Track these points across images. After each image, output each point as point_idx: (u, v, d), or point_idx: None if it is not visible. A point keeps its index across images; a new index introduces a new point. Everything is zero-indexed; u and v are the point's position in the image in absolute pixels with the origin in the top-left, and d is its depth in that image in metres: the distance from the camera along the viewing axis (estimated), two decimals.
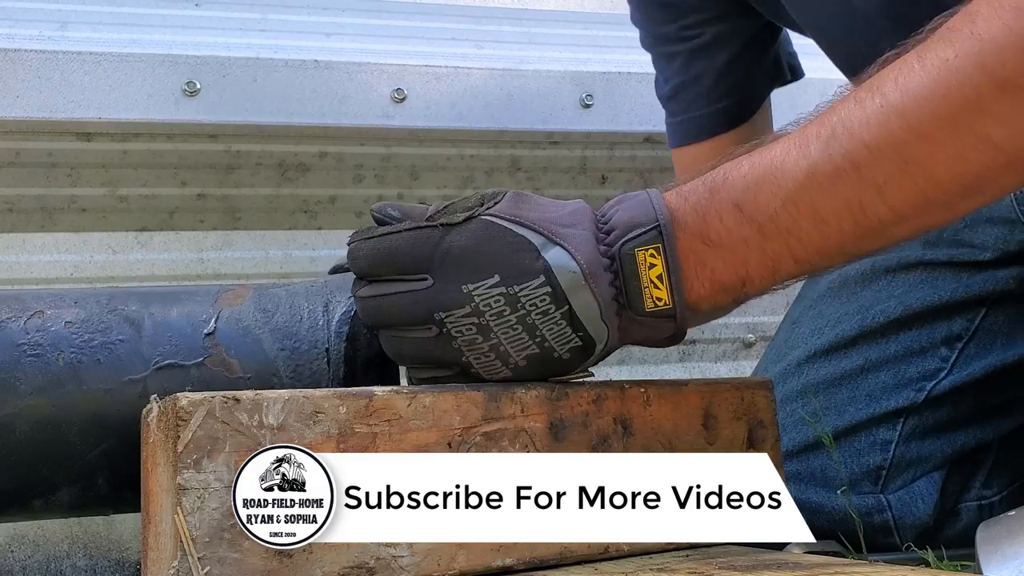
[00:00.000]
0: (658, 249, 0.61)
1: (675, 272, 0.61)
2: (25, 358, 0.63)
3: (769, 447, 0.71)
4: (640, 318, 0.63)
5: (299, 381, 0.66)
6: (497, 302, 0.60)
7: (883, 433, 0.90)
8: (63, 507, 0.66)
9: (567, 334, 0.62)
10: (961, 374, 0.91)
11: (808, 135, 0.61)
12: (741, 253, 0.62)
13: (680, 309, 0.62)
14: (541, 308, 0.61)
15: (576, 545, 0.63)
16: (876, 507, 0.90)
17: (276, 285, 0.71)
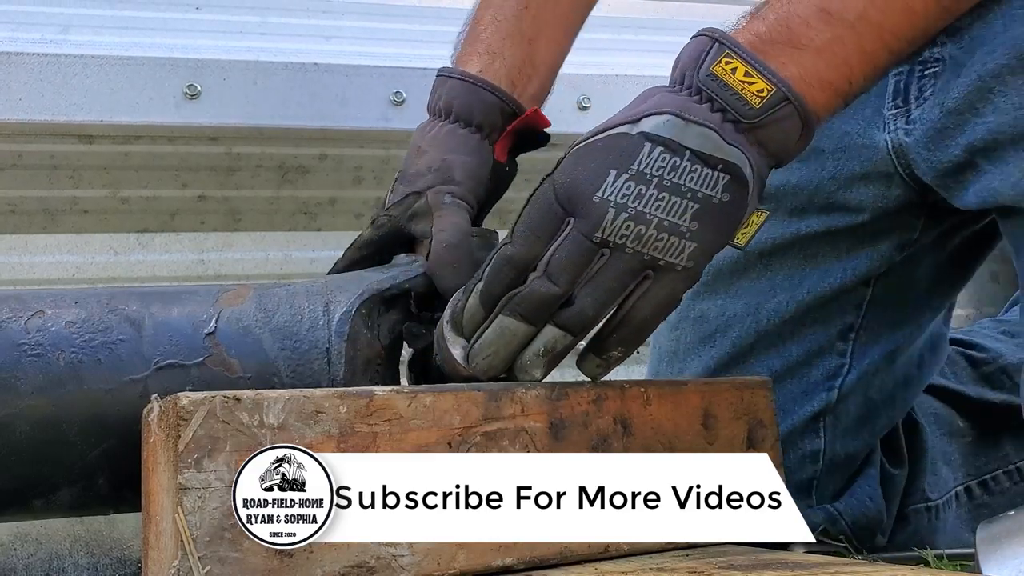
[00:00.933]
0: (730, 55, 0.63)
1: (757, 62, 0.63)
2: (26, 358, 0.63)
3: (769, 447, 0.72)
4: (761, 121, 0.63)
5: (299, 381, 0.66)
6: (628, 187, 0.62)
7: (808, 444, 0.90)
8: (64, 507, 0.66)
9: (708, 174, 0.62)
10: (861, 364, 0.91)
11: None
12: (840, 52, 0.64)
13: (786, 89, 0.63)
14: (668, 166, 0.62)
15: (576, 545, 0.64)
16: (828, 519, 0.90)
17: (276, 285, 0.71)
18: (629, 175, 0.62)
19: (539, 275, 0.63)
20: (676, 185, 0.62)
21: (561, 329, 0.64)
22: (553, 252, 0.63)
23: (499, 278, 0.64)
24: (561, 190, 0.63)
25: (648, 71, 1.17)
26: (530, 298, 0.64)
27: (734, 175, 0.63)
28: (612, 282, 0.63)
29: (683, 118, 0.62)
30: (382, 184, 1.14)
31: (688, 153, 0.62)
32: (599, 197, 0.62)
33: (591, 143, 0.64)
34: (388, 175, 1.14)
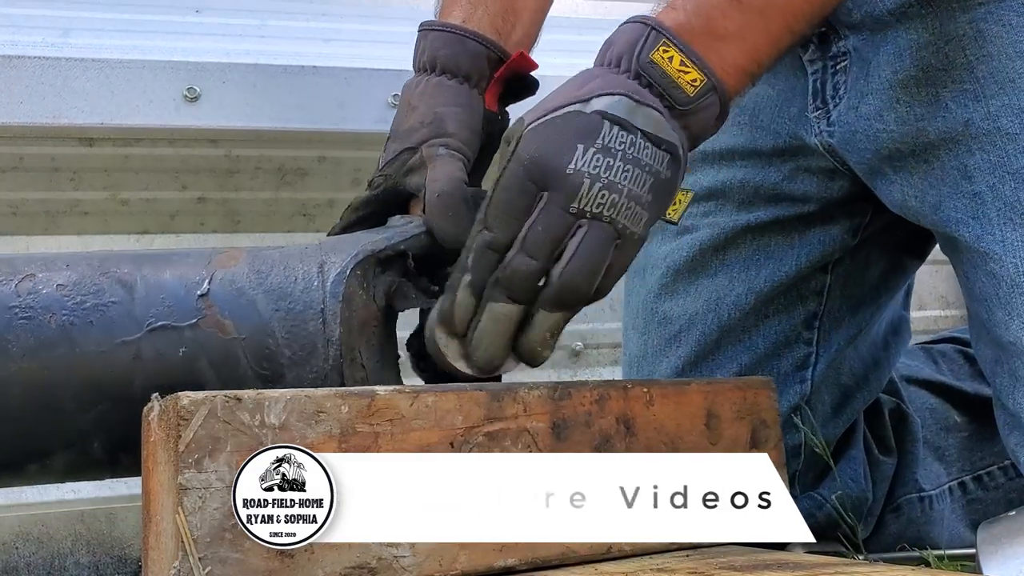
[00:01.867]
0: (667, 43, 0.66)
1: (692, 53, 0.66)
2: (16, 321, 0.62)
3: (772, 447, 0.72)
4: (691, 108, 0.66)
5: (295, 342, 0.65)
6: (598, 159, 0.64)
7: (789, 439, 0.89)
8: (59, 472, 0.64)
9: (656, 153, 0.65)
10: (829, 352, 0.92)
11: None
12: (750, 38, 0.67)
13: (715, 80, 0.66)
14: (627, 142, 0.64)
15: (578, 545, 0.63)
16: (814, 506, 0.90)
17: (270, 248, 0.70)
18: (596, 148, 0.64)
19: (516, 251, 0.64)
20: (636, 159, 0.64)
21: (558, 310, 0.65)
22: (529, 227, 0.64)
23: (484, 264, 0.65)
24: (532, 166, 0.64)
25: None
26: (512, 277, 0.64)
27: (673, 155, 0.66)
28: (598, 252, 0.64)
29: (634, 100, 0.65)
30: None
31: (639, 133, 0.65)
32: (572, 169, 0.64)
33: (549, 120, 0.65)
34: None
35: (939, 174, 0.76)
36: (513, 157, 0.65)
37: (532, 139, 0.65)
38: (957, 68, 0.75)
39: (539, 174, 0.64)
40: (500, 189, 0.65)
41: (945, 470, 0.98)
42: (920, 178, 0.77)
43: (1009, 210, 0.72)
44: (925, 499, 0.95)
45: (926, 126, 0.76)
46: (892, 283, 0.94)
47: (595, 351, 1.20)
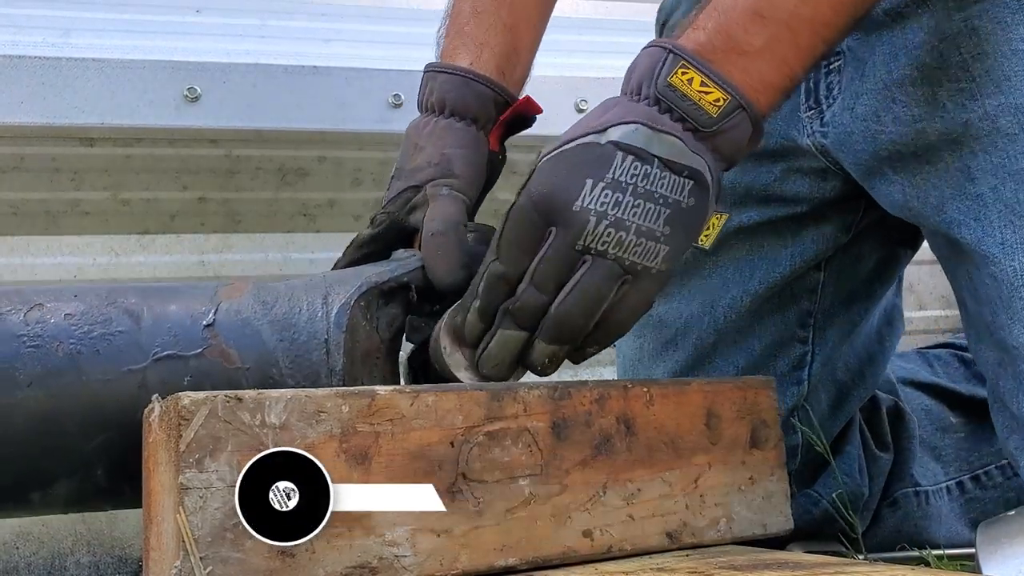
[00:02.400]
0: (685, 65, 0.65)
1: (712, 72, 0.65)
2: (24, 349, 0.63)
3: (772, 446, 0.72)
4: (717, 128, 0.65)
5: (298, 372, 0.66)
6: (607, 195, 0.63)
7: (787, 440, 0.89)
8: (61, 501, 0.65)
9: (676, 181, 0.64)
10: (824, 349, 0.92)
11: None
12: (779, 52, 0.66)
13: (740, 96, 0.65)
14: (640, 174, 0.64)
15: (578, 545, 0.64)
16: (810, 502, 0.90)
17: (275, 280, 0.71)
18: (605, 183, 0.63)
19: (526, 286, 0.65)
20: (649, 192, 0.64)
21: (554, 343, 0.66)
22: (538, 263, 0.65)
23: (493, 294, 0.66)
24: (540, 201, 0.64)
25: None
26: (523, 309, 0.66)
27: (697, 180, 0.65)
28: (597, 289, 0.65)
29: (651, 127, 0.64)
30: (381, 186, 1.14)
31: (656, 161, 0.64)
32: (579, 206, 0.64)
33: (561, 152, 0.65)
34: (387, 177, 1.15)
35: (943, 175, 0.76)
36: (523, 191, 0.65)
37: (543, 173, 0.65)
38: (952, 67, 0.74)
39: (546, 210, 0.64)
40: (510, 222, 0.66)
41: (943, 469, 0.98)
42: (923, 179, 0.77)
43: (1009, 212, 0.72)
44: (921, 494, 0.95)
45: (925, 127, 0.75)
46: (886, 275, 0.94)
47: None
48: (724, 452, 0.69)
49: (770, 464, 0.71)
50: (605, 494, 0.64)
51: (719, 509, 0.69)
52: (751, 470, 0.70)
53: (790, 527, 0.72)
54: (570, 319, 0.65)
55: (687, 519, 0.67)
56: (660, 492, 0.67)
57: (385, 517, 0.57)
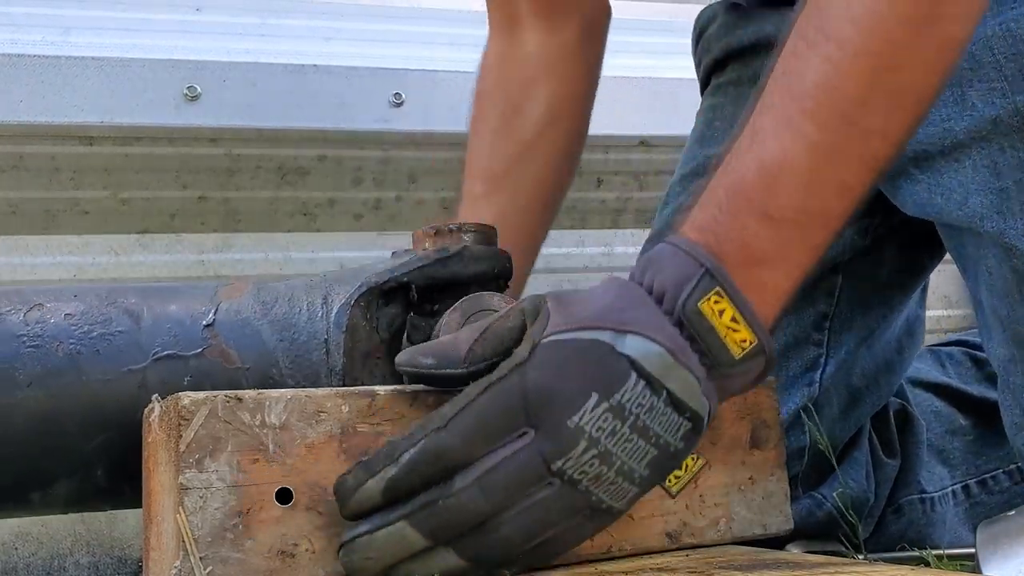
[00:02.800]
0: (719, 292, 0.56)
1: (745, 306, 0.57)
2: (24, 349, 0.62)
3: (772, 447, 0.71)
4: (732, 370, 0.57)
5: (298, 372, 0.66)
6: (605, 420, 0.54)
7: (794, 440, 0.89)
8: (61, 501, 0.65)
9: (675, 420, 0.56)
10: (839, 354, 0.90)
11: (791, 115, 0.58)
12: (792, 256, 0.59)
13: (766, 340, 0.58)
14: (647, 405, 0.55)
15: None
16: (814, 504, 0.90)
17: (275, 280, 0.71)
18: (610, 405, 0.54)
19: (469, 485, 0.53)
20: (646, 428, 0.55)
21: (468, 561, 0.55)
22: (500, 461, 0.54)
23: (420, 472, 0.54)
24: (533, 395, 0.54)
25: (645, 72, 1.18)
26: (453, 511, 0.54)
27: (695, 425, 0.57)
28: (552, 517, 0.55)
29: (675, 357, 0.55)
30: (381, 185, 1.14)
31: (665, 395, 0.55)
32: (574, 423, 0.54)
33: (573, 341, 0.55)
34: (387, 176, 1.15)
35: (969, 172, 0.73)
36: (517, 369, 0.55)
37: (547, 362, 0.55)
38: (984, 67, 0.72)
39: (537, 409, 0.54)
40: (489, 395, 0.54)
41: (949, 473, 0.97)
42: (950, 176, 0.75)
43: None
44: (927, 500, 0.95)
45: (953, 125, 0.74)
46: (907, 283, 0.93)
47: None
48: (724, 452, 0.69)
49: (770, 464, 0.71)
50: None
51: (719, 509, 0.68)
52: (751, 470, 0.70)
53: (790, 527, 0.72)
54: (507, 544, 0.54)
55: (687, 519, 0.67)
56: (660, 492, 0.66)
57: None
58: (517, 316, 0.58)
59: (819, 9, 0.59)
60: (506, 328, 0.57)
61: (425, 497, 0.54)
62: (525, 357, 0.55)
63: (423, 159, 1.13)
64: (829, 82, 0.58)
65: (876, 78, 0.58)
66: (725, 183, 0.59)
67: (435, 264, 0.71)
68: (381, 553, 0.54)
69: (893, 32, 0.57)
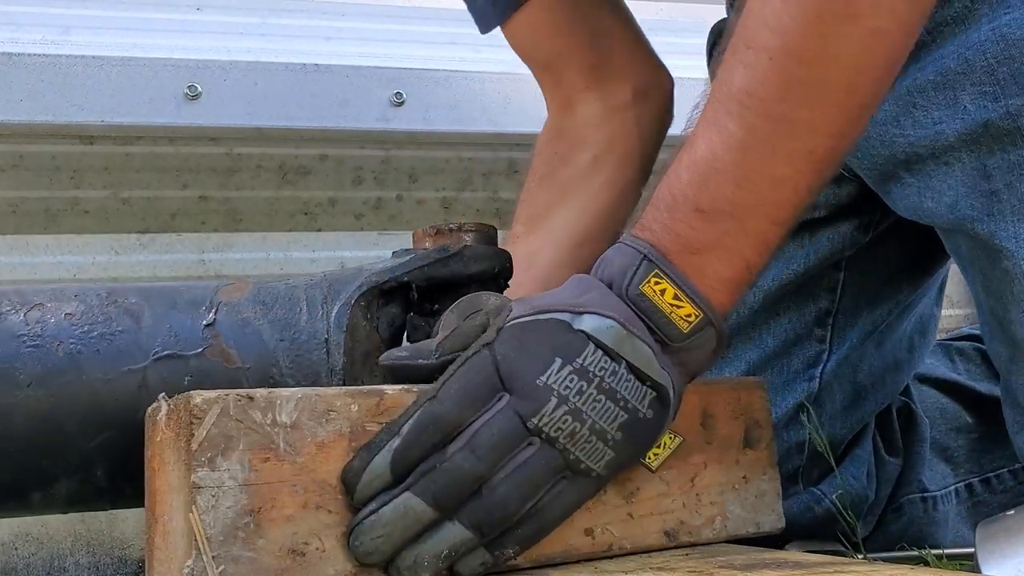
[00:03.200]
0: (658, 275, 0.61)
1: (685, 284, 0.61)
2: (24, 348, 0.62)
3: (764, 446, 0.72)
4: (684, 344, 0.61)
5: (299, 371, 0.66)
6: (572, 380, 0.59)
7: (793, 435, 0.89)
8: (61, 501, 0.65)
9: (639, 389, 0.60)
10: (841, 349, 0.90)
11: (719, 118, 0.62)
12: (730, 244, 0.62)
13: (711, 313, 0.62)
14: (608, 370, 0.59)
15: (580, 543, 0.64)
16: (813, 500, 0.90)
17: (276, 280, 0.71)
18: (574, 368, 0.59)
19: (461, 448, 0.57)
20: (613, 390, 0.59)
21: (472, 529, 0.57)
22: (483, 424, 0.58)
23: (422, 439, 0.57)
24: (503, 363, 0.59)
25: None
26: (450, 474, 0.57)
27: (660, 394, 0.61)
28: (539, 476, 0.58)
29: (627, 329, 0.60)
30: (382, 184, 1.14)
31: (624, 364, 0.60)
32: (542, 382, 0.58)
33: (532, 322, 0.60)
34: (388, 175, 1.15)
35: (958, 175, 0.75)
36: (487, 347, 0.59)
37: (510, 338, 0.59)
38: (977, 71, 0.73)
39: (508, 374, 0.58)
40: (466, 367, 0.59)
41: (952, 471, 0.97)
42: (939, 180, 0.76)
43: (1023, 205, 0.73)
44: (928, 499, 0.95)
45: (944, 128, 0.75)
46: (916, 277, 0.92)
47: None
48: (719, 452, 0.69)
49: (763, 463, 0.72)
50: (605, 493, 0.65)
51: (715, 508, 0.69)
52: (745, 469, 0.70)
53: (782, 525, 0.72)
54: (503, 504, 0.57)
55: (684, 518, 0.68)
56: (658, 491, 0.67)
57: None
58: (483, 316, 0.62)
59: (743, 22, 0.63)
60: (473, 325, 0.62)
61: (425, 466, 0.57)
62: (492, 337, 0.60)
63: (424, 158, 1.13)
64: (748, 85, 0.61)
65: (792, 74, 0.61)
66: (665, 184, 0.64)
67: (435, 264, 0.71)
68: (390, 530, 0.56)
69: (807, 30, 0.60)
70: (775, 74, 0.61)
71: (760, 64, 0.61)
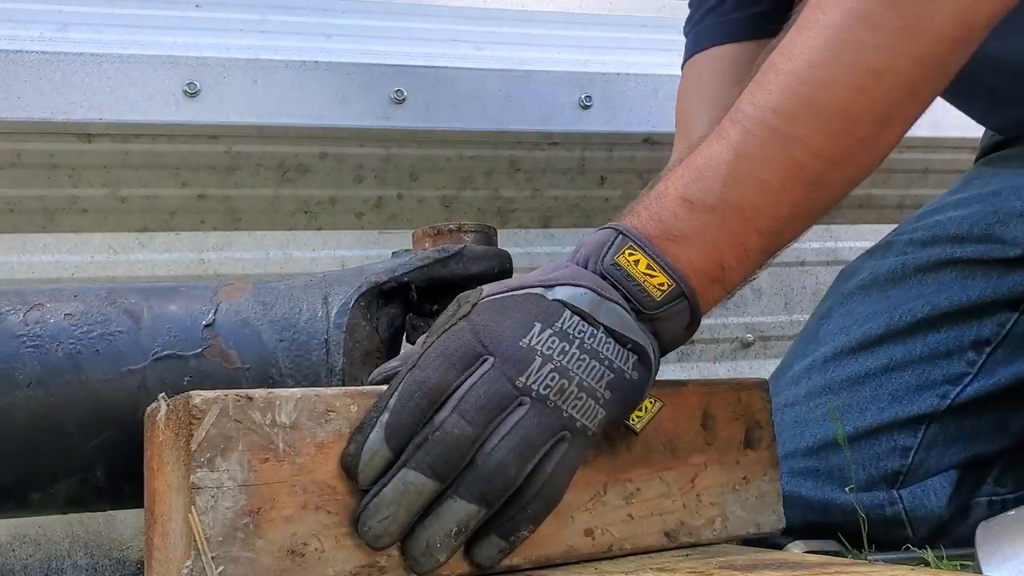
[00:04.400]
0: (632, 247, 0.64)
1: (660, 257, 0.64)
2: (24, 349, 0.63)
3: (764, 447, 0.72)
4: (658, 313, 0.63)
5: (298, 372, 0.66)
6: (553, 342, 0.59)
7: (903, 439, 0.90)
8: (61, 501, 0.65)
9: (620, 351, 0.61)
10: (987, 381, 0.91)
11: (724, 126, 0.66)
12: (708, 239, 0.64)
13: (683, 284, 0.64)
14: (587, 332, 0.60)
15: (580, 544, 0.64)
16: (887, 500, 0.90)
17: (275, 280, 0.71)
18: (553, 331, 0.60)
19: (450, 413, 0.56)
20: (595, 351, 0.60)
21: (476, 502, 0.57)
22: (469, 388, 0.57)
23: (410, 406, 0.57)
24: (483, 331, 0.59)
25: (648, 70, 1.18)
26: (442, 442, 0.56)
27: (641, 356, 0.62)
28: (534, 436, 0.58)
29: (599, 294, 0.61)
30: (383, 183, 1.14)
31: (602, 328, 0.61)
32: (525, 343, 0.59)
33: (507, 296, 0.61)
34: (388, 174, 1.15)
35: None
36: (464, 319, 0.60)
37: (487, 308, 0.60)
38: None
39: (489, 339, 0.59)
40: (445, 337, 0.59)
41: None
42: None
43: None
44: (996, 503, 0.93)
45: None
46: None
47: None
48: (719, 452, 0.69)
49: (763, 464, 0.72)
50: (606, 493, 0.65)
51: (715, 508, 0.69)
52: (745, 470, 0.70)
53: (782, 526, 0.72)
54: (502, 469, 0.57)
55: (684, 518, 0.67)
56: (658, 491, 0.67)
57: None
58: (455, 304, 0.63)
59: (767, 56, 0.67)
60: (449, 314, 0.62)
61: (418, 438, 0.57)
62: (468, 311, 0.61)
63: (424, 156, 1.13)
64: (753, 96, 0.65)
65: (794, 90, 0.65)
66: (661, 182, 0.67)
67: (435, 264, 0.71)
68: (395, 509, 0.56)
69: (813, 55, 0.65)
70: (778, 88, 0.65)
71: (767, 80, 0.65)
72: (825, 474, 0.90)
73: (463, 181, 1.16)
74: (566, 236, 1.21)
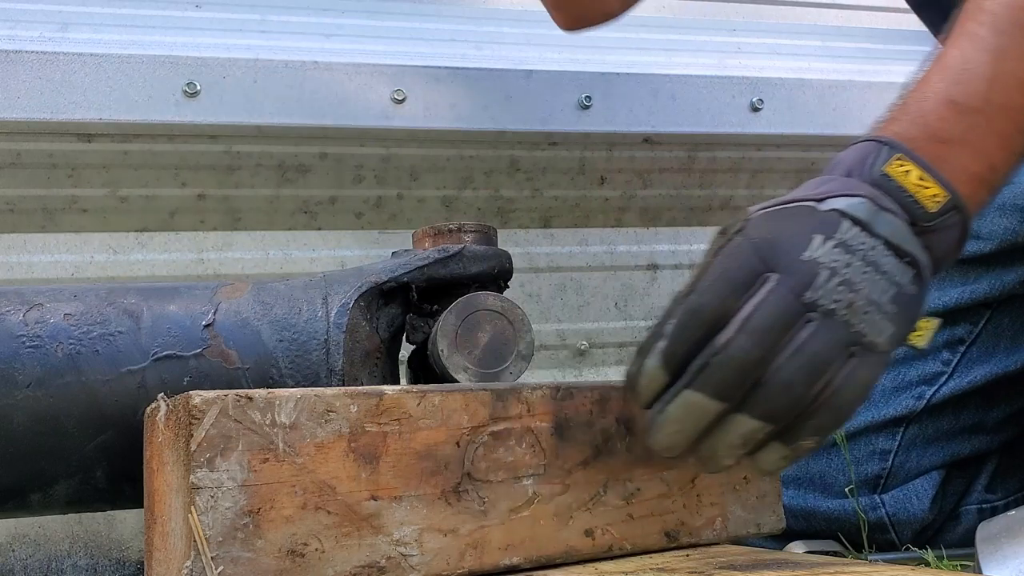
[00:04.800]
0: (901, 158, 0.61)
1: (931, 168, 0.61)
2: (24, 349, 0.63)
3: None
4: (932, 224, 0.60)
5: (298, 372, 0.66)
6: (837, 252, 0.57)
7: (882, 442, 0.90)
8: (61, 502, 0.65)
9: (899, 264, 0.58)
10: (962, 380, 0.90)
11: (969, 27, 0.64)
12: (978, 141, 0.63)
13: (958, 197, 0.61)
14: (868, 244, 0.58)
15: (580, 544, 0.64)
16: (869, 505, 0.90)
17: (275, 280, 0.71)
18: (836, 242, 0.57)
19: (736, 332, 0.55)
20: (877, 263, 0.57)
21: (762, 419, 0.56)
22: (755, 307, 0.55)
23: (685, 335, 0.56)
24: (762, 245, 0.57)
25: (649, 69, 1.17)
26: (726, 365, 0.55)
27: (919, 270, 0.59)
28: (825, 352, 0.55)
29: (876, 204, 0.59)
30: (382, 183, 1.14)
31: (882, 240, 0.58)
32: (808, 256, 0.56)
33: (778, 210, 0.59)
34: (388, 173, 1.15)
35: None
36: (739, 235, 0.58)
37: (762, 222, 0.58)
38: None
39: (769, 253, 0.56)
40: (722, 257, 0.57)
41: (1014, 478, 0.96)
42: None
43: None
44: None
45: None
46: None
47: (600, 351, 1.21)
48: None
49: None
50: (606, 494, 0.65)
51: (715, 508, 0.69)
52: (745, 470, 0.71)
53: (782, 527, 0.72)
54: (792, 388, 0.55)
55: (684, 518, 0.68)
56: (659, 492, 0.67)
57: (393, 516, 0.58)
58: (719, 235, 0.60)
59: None
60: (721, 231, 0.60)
61: (698, 361, 0.56)
62: (743, 225, 0.58)
63: (425, 156, 1.13)
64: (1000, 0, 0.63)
65: None
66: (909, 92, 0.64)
67: (435, 264, 0.71)
68: (680, 425, 0.57)
69: None
70: None
71: None
72: (806, 481, 0.90)
73: (463, 181, 1.16)
74: (566, 236, 1.20)
